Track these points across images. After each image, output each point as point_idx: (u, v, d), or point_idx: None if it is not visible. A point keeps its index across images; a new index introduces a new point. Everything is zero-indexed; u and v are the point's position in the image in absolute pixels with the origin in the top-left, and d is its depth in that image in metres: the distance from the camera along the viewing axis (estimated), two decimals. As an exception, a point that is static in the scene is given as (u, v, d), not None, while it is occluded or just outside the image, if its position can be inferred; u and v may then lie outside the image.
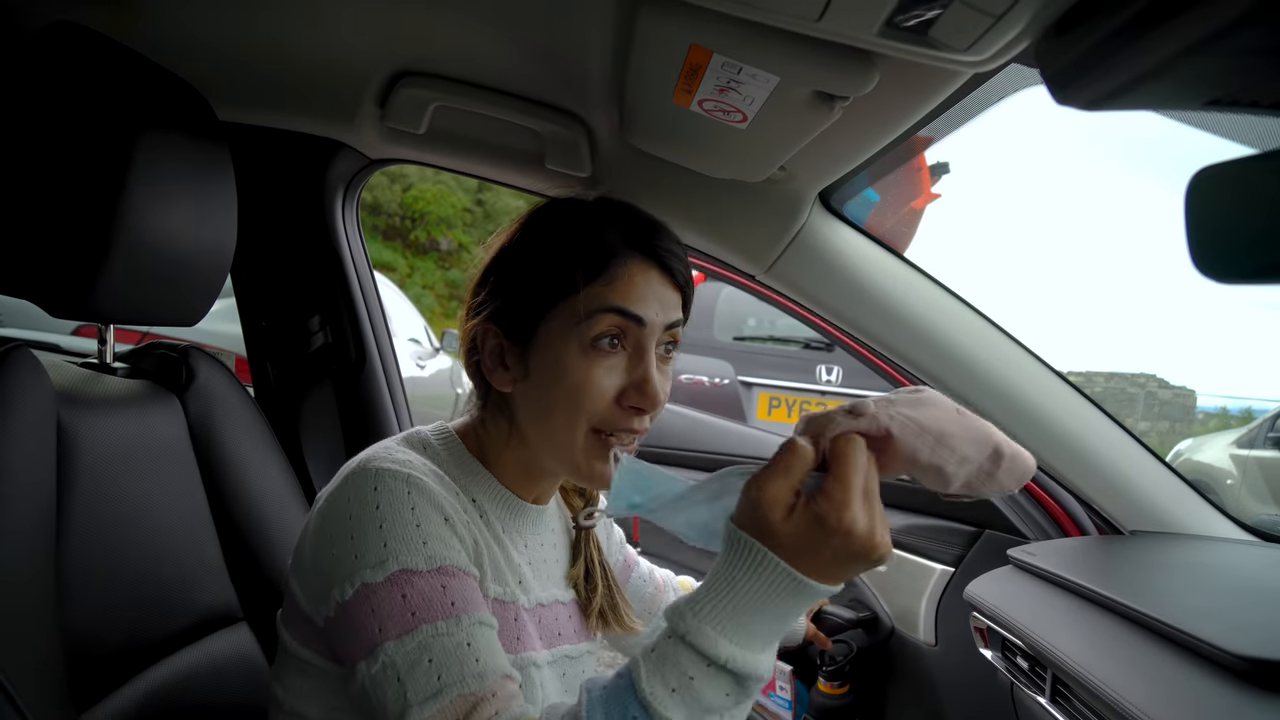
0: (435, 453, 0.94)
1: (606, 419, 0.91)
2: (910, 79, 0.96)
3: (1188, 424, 14.67)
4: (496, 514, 0.97)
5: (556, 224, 0.97)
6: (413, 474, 0.83)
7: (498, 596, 0.91)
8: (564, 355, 0.90)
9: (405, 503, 0.81)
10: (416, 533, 0.80)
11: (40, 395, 0.89)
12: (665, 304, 0.93)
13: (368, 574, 0.77)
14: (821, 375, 4.89)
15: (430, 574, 0.79)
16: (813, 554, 0.72)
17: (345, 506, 0.81)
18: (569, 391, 0.90)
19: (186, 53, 1.28)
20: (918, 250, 1.69)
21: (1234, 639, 0.98)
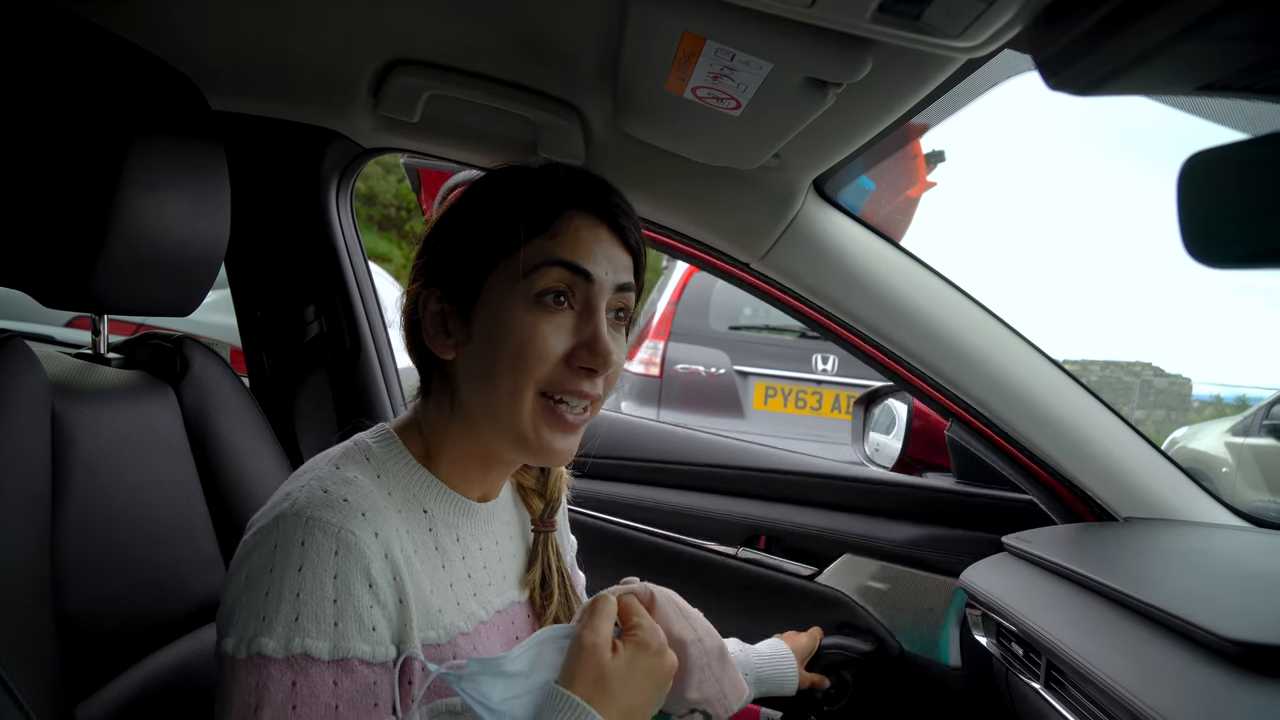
0: (380, 462, 0.90)
1: (554, 380, 0.88)
2: (903, 65, 0.96)
3: (1183, 412, 14.73)
4: (449, 520, 0.93)
5: (500, 186, 0.93)
6: (346, 525, 0.78)
7: (434, 641, 0.86)
8: (507, 312, 0.87)
9: (329, 569, 0.76)
10: (331, 610, 0.75)
11: (35, 386, 0.89)
12: (615, 263, 0.91)
13: (269, 645, 0.73)
14: (817, 364, 4.89)
15: (329, 665, 0.75)
16: (634, 685, 0.86)
17: (269, 556, 0.76)
18: (513, 350, 0.86)
19: (179, 42, 1.27)
20: (913, 238, 1.70)
21: (1227, 624, 0.98)
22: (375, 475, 0.87)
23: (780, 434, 4.75)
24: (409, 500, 0.89)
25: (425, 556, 0.88)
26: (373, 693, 0.77)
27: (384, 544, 0.80)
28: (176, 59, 1.06)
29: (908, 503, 1.87)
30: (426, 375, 0.96)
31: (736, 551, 1.90)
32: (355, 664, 0.76)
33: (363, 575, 0.77)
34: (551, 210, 0.89)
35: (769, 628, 1.73)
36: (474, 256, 0.89)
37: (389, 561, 0.80)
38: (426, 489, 0.91)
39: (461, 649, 0.88)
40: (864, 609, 1.80)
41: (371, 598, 0.78)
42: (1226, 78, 0.65)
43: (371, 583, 0.78)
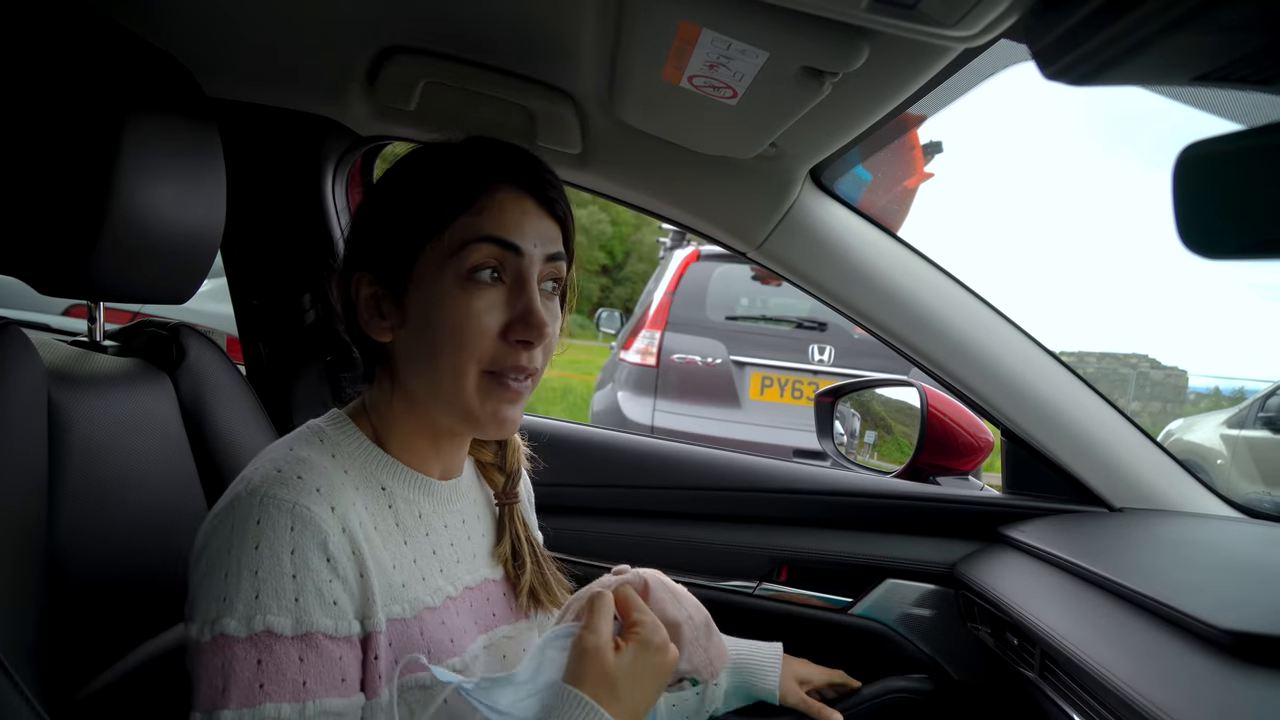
0: (334, 443, 0.90)
1: (495, 357, 0.88)
2: (900, 54, 0.96)
3: (1179, 404, 14.75)
4: (409, 497, 0.93)
5: (424, 164, 0.93)
6: (300, 501, 0.78)
7: (400, 616, 0.86)
8: (440, 293, 0.86)
9: (286, 544, 0.76)
10: (291, 585, 0.76)
11: (31, 373, 0.89)
12: (543, 235, 0.90)
13: (231, 625, 0.74)
14: (814, 355, 4.89)
15: (293, 641, 0.75)
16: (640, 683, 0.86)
17: (226, 538, 0.77)
18: (451, 331, 0.86)
19: (173, 28, 1.27)
20: (910, 229, 1.69)
21: (1220, 614, 0.99)
22: (330, 455, 0.87)
23: (777, 424, 4.76)
24: (366, 478, 0.89)
25: (386, 532, 0.88)
26: (339, 667, 0.78)
27: (341, 518, 0.81)
28: (171, 45, 1.05)
29: (952, 519, 1.68)
30: (368, 359, 0.96)
31: (755, 588, 1.69)
32: (319, 638, 0.77)
33: (320, 549, 0.78)
34: (475, 186, 0.88)
35: None
36: (402, 238, 0.89)
37: (347, 535, 0.81)
38: (383, 467, 0.92)
39: (428, 624, 0.88)
40: (911, 641, 1.66)
41: (330, 572, 0.78)
42: (1223, 68, 0.65)
43: (330, 557, 0.78)
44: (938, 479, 1.80)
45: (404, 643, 0.85)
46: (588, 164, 1.53)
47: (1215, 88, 0.71)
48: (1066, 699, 1.15)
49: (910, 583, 1.65)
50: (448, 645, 0.90)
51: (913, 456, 1.78)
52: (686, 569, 1.69)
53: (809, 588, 1.69)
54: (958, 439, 1.76)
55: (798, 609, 1.69)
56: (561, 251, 0.93)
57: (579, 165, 1.54)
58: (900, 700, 1.61)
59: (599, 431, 1.84)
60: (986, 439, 1.77)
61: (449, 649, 0.89)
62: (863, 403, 2.20)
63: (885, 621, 1.66)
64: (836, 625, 1.67)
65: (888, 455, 2.10)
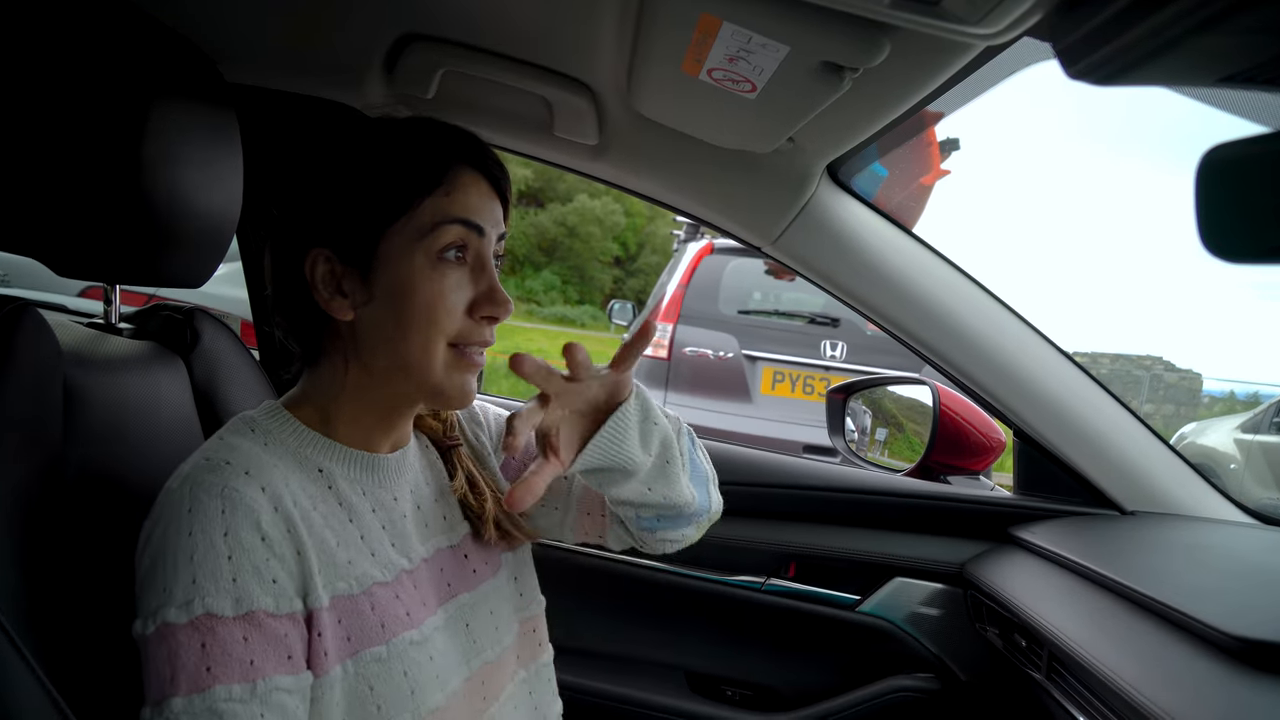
0: (265, 431, 0.90)
1: (462, 332, 0.90)
2: (921, 51, 0.95)
3: (1193, 407, 14.66)
4: (351, 476, 0.93)
5: (382, 141, 0.92)
6: (229, 484, 0.79)
7: (346, 593, 0.86)
8: (410, 272, 0.88)
9: (218, 527, 0.77)
10: (228, 566, 0.76)
11: (47, 354, 0.90)
12: (495, 216, 0.93)
13: (172, 613, 0.74)
14: (826, 350, 4.89)
15: (235, 621, 0.76)
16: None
17: (162, 531, 0.78)
18: (423, 308, 0.88)
19: (195, 15, 1.27)
20: (926, 226, 1.68)
21: (1230, 620, 0.99)
22: (262, 443, 0.87)
23: (787, 419, 4.75)
24: (301, 462, 0.89)
25: (328, 512, 0.88)
26: (284, 644, 0.78)
27: (273, 498, 0.82)
28: (192, 32, 1.05)
29: (962, 519, 1.68)
30: (314, 340, 0.94)
31: (764, 583, 1.70)
32: (261, 616, 0.77)
33: (253, 528, 0.78)
34: (441, 167, 0.90)
35: (809, 668, 1.70)
36: (368, 216, 0.89)
37: (280, 515, 0.81)
38: (320, 450, 0.92)
39: (379, 598, 0.88)
40: (918, 640, 1.66)
41: (266, 550, 0.79)
42: (1249, 70, 0.65)
43: (264, 535, 0.79)
44: (948, 478, 1.79)
45: (353, 619, 0.85)
46: (604, 155, 1.53)
47: (1241, 90, 0.70)
48: (1073, 701, 1.15)
49: (919, 582, 1.65)
50: (403, 618, 0.89)
51: (924, 455, 1.77)
52: (694, 563, 1.69)
53: (817, 584, 1.69)
54: (969, 438, 1.76)
55: (805, 606, 1.68)
56: (505, 230, 0.96)
57: (596, 156, 1.54)
58: (906, 699, 1.62)
59: None
60: (998, 439, 1.76)
61: (404, 622, 0.89)
62: (875, 400, 2.20)
63: (893, 620, 1.66)
64: (844, 623, 1.67)
65: (899, 453, 2.09)
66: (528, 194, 29.79)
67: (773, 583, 1.69)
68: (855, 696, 1.63)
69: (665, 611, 1.70)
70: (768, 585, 1.68)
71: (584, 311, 27.65)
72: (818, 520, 1.70)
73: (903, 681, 1.63)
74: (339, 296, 0.90)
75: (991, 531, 1.62)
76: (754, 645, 1.71)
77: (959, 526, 1.67)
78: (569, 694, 1.65)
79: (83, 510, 0.90)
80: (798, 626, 1.69)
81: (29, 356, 0.86)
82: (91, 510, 0.91)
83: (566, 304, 28.46)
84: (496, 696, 1.02)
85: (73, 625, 0.84)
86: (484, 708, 1.00)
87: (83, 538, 0.88)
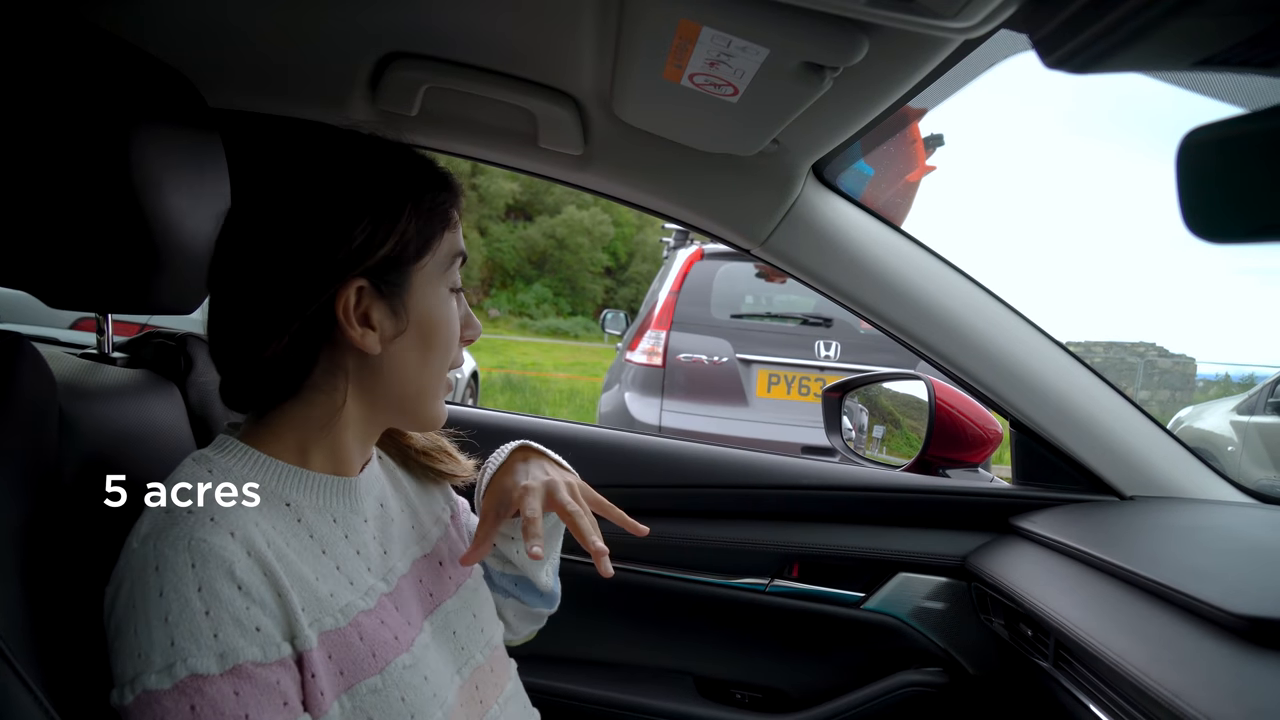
0: (224, 469, 0.85)
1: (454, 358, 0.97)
2: (900, 47, 0.96)
3: (1188, 392, 14.71)
4: (319, 505, 0.89)
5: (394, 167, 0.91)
6: (195, 534, 0.75)
7: (334, 627, 0.83)
8: (436, 301, 0.92)
9: (190, 583, 0.73)
10: (206, 622, 0.73)
11: (42, 385, 0.89)
12: None
13: (152, 679, 0.71)
14: (820, 351, 4.89)
15: (222, 678, 0.72)
16: None
17: (129, 593, 0.74)
18: (446, 337, 0.93)
19: (175, 40, 1.28)
20: (914, 221, 1.69)
21: (1234, 599, 0.99)
22: (222, 481, 0.83)
23: (784, 421, 4.75)
24: (266, 498, 0.85)
25: (300, 547, 0.85)
26: (279, 692, 0.76)
27: (244, 542, 0.78)
28: (173, 57, 1.06)
29: (963, 511, 1.67)
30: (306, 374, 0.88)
31: (768, 585, 1.68)
32: (249, 667, 0.74)
33: (228, 578, 0.75)
34: (449, 201, 0.94)
35: (817, 668, 1.70)
36: (409, 250, 0.88)
37: (254, 559, 0.78)
38: (285, 481, 0.88)
39: (365, 627, 0.86)
40: (925, 634, 1.66)
41: (245, 599, 0.75)
42: (1224, 52, 0.65)
43: (240, 584, 0.75)
44: (947, 472, 1.79)
45: (344, 652, 0.83)
46: (590, 165, 1.54)
47: (1217, 72, 0.71)
48: (1082, 688, 1.15)
49: (922, 576, 1.65)
50: (392, 643, 0.87)
51: (921, 450, 1.78)
52: (698, 567, 1.69)
53: (821, 584, 1.69)
54: (966, 431, 1.76)
55: (811, 605, 1.68)
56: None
57: (581, 166, 1.54)
58: (915, 694, 1.62)
59: (607, 432, 1.84)
60: (995, 431, 1.77)
61: (394, 646, 0.87)
62: (870, 397, 2.20)
63: (898, 615, 1.66)
64: (849, 621, 1.67)
65: (896, 449, 2.10)
66: (515, 208, 29.79)
67: (777, 584, 1.68)
68: (864, 694, 1.63)
69: (671, 617, 1.69)
70: (772, 587, 1.68)
71: (577, 323, 27.65)
72: (819, 519, 1.70)
73: (911, 676, 1.63)
74: (368, 329, 0.87)
75: (992, 523, 1.63)
76: (761, 647, 1.71)
77: (960, 519, 1.67)
78: (580, 704, 1.65)
79: (81, 541, 0.89)
80: (804, 626, 1.68)
81: (23, 388, 0.86)
82: (90, 541, 0.91)
83: (559, 316, 28.47)
84: (494, 699, 1.02)
85: (74, 656, 0.84)
86: (481, 712, 0.99)
87: (82, 568, 0.88)
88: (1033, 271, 42.08)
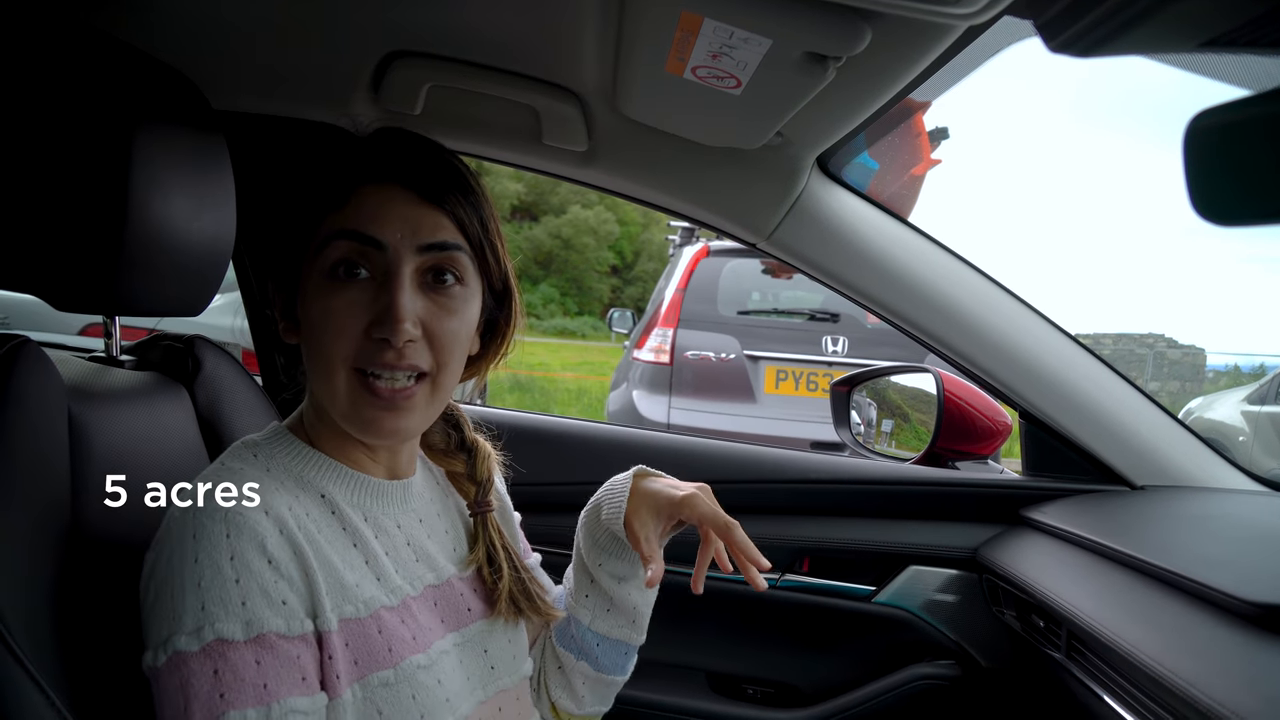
0: (268, 455, 0.89)
1: (361, 356, 0.85)
2: (903, 35, 0.95)
3: (1198, 383, 14.64)
4: (353, 500, 0.92)
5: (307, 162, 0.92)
6: (232, 509, 0.78)
7: (353, 616, 0.84)
8: (310, 293, 0.86)
9: (224, 551, 0.76)
10: (235, 590, 0.75)
11: (51, 389, 0.90)
12: (415, 224, 0.86)
13: (183, 640, 0.74)
14: (827, 346, 4.89)
15: (246, 645, 0.75)
16: None
17: (168, 559, 0.77)
18: (319, 329, 0.85)
19: (178, 42, 1.28)
20: (919, 214, 1.68)
21: (1247, 587, 0.98)
22: (265, 469, 0.86)
23: (793, 417, 4.75)
24: (304, 486, 0.88)
25: (332, 536, 0.87)
26: (298, 666, 0.78)
27: (277, 520, 0.80)
28: (176, 60, 1.06)
29: (973, 503, 1.67)
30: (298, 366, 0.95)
31: (778, 580, 1.68)
32: (273, 638, 0.76)
33: (259, 551, 0.78)
34: (344, 183, 0.87)
35: (829, 662, 1.69)
36: (288, 243, 0.89)
37: (285, 537, 0.80)
38: (323, 473, 0.91)
39: (386, 622, 0.87)
40: (936, 627, 1.66)
41: (274, 573, 0.78)
42: (1230, 33, 0.65)
43: (270, 558, 0.78)
44: (957, 464, 1.79)
45: (361, 642, 0.84)
46: (594, 161, 1.53)
47: (1223, 54, 0.70)
48: (1095, 679, 1.14)
49: (933, 569, 1.65)
50: (409, 642, 0.88)
51: (931, 442, 1.77)
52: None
53: (832, 578, 1.68)
54: (975, 423, 1.75)
55: (822, 599, 1.68)
56: (447, 241, 0.88)
57: (585, 163, 1.54)
58: (928, 687, 1.61)
59: (617, 429, 1.84)
60: (1005, 422, 1.76)
61: (410, 646, 0.88)
62: (879, 391, 2.20)
63: (910, 609, 1.65)
64: (861, 614, 1.67)
65: (906, 442, 2.09)
66: (521, 208, 29.79)
67: (788, 578, 1.68)
68: (877, 687, 1.62)
69: (683, 613, 1.69)
70: (783, 581, 1.68)
71: (584, 322, 27.65)
72: (829, 513, 1.70)
73: (923, 669, 1.62)
74: (285, 321, 0.92)
75: (1003, 514, 1.62)
76: (773, 642, 1.70)
77: (970, 511, 1.66)
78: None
79: (92, 543, 0.90)
80: (815, 621, 1.68)
81: (32, 391, 0.86)
82: (101, 542, 0.91)
83: (566, 316, 28.47)
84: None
85: (86, 657, 0.84)
86: None
87: (93, 570, 0.89)
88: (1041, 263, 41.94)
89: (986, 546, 1.57)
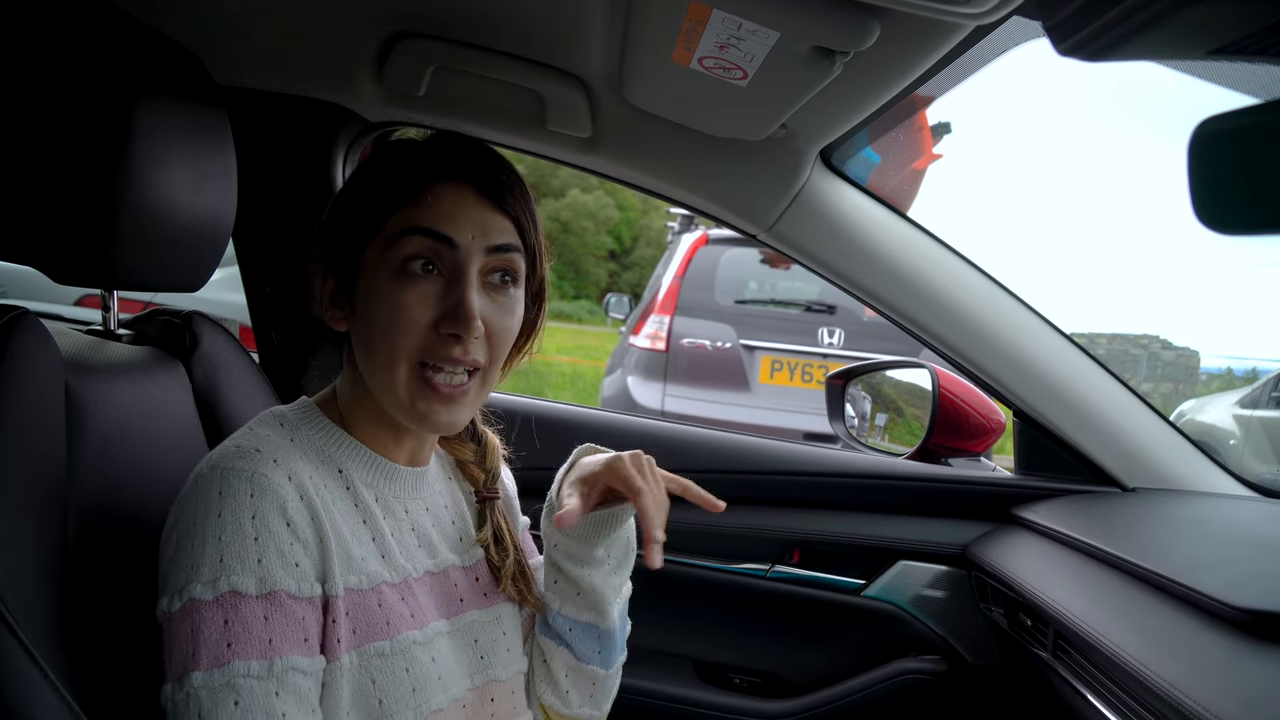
0: (294, 426, 0.93)
1: (426, 349, 0.88)
2: (911, 32, 0.95)
3: (1191, 385, 14.67)
4: (368, 480, 0.95)
5: (381, 160, 0.94)
6: (258, 470, 0.82)
7: (357, 587, 0.87)
8: (377, 283, 0.89)
9: (246, 509, 0.80)
10: (254, 548, 0.79)
11: (48, 361, 0.90)
12: (485, 226, 0.90)
13: (198, 589, 0.77)
14: (823, 338, 4.89)
15: (258, 600, 0.78)
16: None
17: (192, 512, 0.81)
18: (384, 321, 0.88)
19: (181, 16, 1.27)
20: (920, 209, 1.68)
21: (1235, 592, 0.99)
22: (289, 439, 0.90)
23: (787, 408, 4.76)
24: (324, 460, 0.92)
25: (344, 510, 0.90)
26: (302, 626, 0.81)
27: (298, 486, 0.85)
28: (179, 34, 1.05)
29: (965, 500, 1.67)
30: (338, 346, 0.99)
31: (768, 571, 1.68)
32: (283, 597, 0.80)
33: (279, 513, 0.81)
34: (418, 181, 0.89)
35: (816, 654, 1.70)
36: (350, 230, 0.92)
37: (305, 503, 0.84)
38: (343, 450, 0.94)
39: (386, 596, 0.90)
40: (924, 622, 1.66)
41: (291, 535, 0.82)
42: (1239, 41, 0.65)
43: (289, 521, 0.82)
44: (949, 460, 1.79)
45: (361, 612, 0.87)
46: (597, 148, 1.53)
47: (1231, 61, 0.70)
48: (1080, 679, 1.15)
49: (923, 564, 1.65)
50: (407, 619, 0.91)
51: (924, 438, 1.77)
52: (698, 552, 1.69)
53: (821, 570, 1.69)
54: (969, 420, 1.76)
55: (811, 591, 1.68)
56: (511, 243, 0.92)
57: (588, 149, 1.54)
58: (913, 682, 1.62)
59: (609, 415, 1.84)
60: (998, 420, 1.76)
61: (408, 622, 0.91)
62: (873, 385, 2.20)
63: (898, 603, 1.66)
64: (849, 607, 1.67)
65: (899, 437, 2.09)
66: (520, 191, 29.66)
67: (777, 569, 1.68)
68: (862, 680, 1.63)
69: (671, 601, 1.70)
70: (772, 572, 1.68)
71: (580, 306, 27.61)
72: (820, 506, 1.70)
73: (910, 664, 1.63)
74: (334, 309, 0.95)
75: (994, 512, 1.63)
76: (760, 632, 1.71)
77: (961, 508, 1.66)
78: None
79: (88, 516, 0.90)
80: (803, 612, 1.69)
81: (29, 363, 0.86)
82: (97, 515, 0.91)
83: (563, 299, 28.39)
84: (508, 717, 1.03)
85: (84, 629, 0.84)
86: None
87: (90, 543, 0.89)
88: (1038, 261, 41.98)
89: (977, 544, 1.58)
